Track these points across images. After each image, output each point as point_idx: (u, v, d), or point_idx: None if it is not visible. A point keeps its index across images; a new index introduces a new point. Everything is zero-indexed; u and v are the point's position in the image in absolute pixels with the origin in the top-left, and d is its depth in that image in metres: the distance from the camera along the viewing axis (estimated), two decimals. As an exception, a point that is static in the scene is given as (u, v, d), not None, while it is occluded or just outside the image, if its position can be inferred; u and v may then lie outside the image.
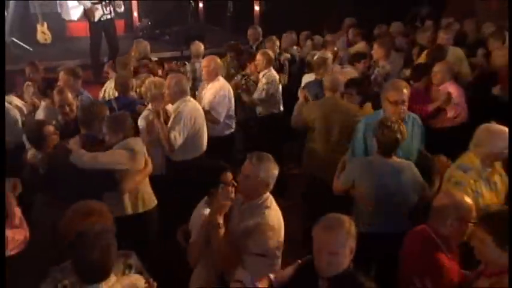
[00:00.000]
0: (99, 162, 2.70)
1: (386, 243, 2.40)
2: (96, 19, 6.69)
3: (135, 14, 9.39)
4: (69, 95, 3.45)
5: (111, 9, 6.84)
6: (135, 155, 2.80)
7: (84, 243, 1.81)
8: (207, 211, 2.47)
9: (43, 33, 7.84)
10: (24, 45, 7.48)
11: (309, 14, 7.79)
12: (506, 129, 2.68)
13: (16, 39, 7.50)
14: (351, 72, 4.09)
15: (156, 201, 3.07)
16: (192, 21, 9.04)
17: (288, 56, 5.23)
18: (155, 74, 4.48)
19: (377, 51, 4.80)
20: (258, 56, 4.43)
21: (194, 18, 9.23)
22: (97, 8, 6.67)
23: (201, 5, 9.85)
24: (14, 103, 3.95)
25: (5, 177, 2.39)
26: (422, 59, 4.85)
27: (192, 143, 3.60)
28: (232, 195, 2.42)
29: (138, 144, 2.88)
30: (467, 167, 2.64)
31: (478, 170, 2.60)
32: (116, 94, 3.93)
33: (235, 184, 2.45)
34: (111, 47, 6.72)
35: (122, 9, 7.23)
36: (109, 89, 4.15)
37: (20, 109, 3.92)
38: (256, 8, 8.85)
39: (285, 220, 2.38)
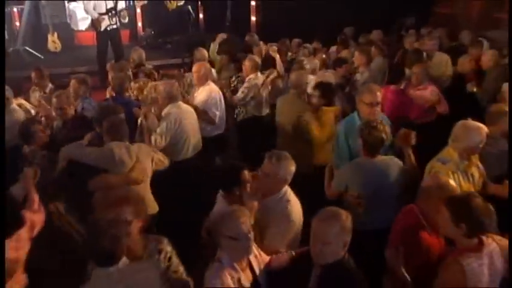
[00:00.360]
0: (85, 155, 2.76)
1: (380, 239, 2.43)
2: (102, 29, 7.04)
3: (140, 24, 9.65)
4: (65, 99, 3.64)
5: (117, 19, 7.16)
6: (113, 158, 2.74)
7: (96, 230, 1.89)
8: (224, 204, 2.51)
9: (53, 42, 8.20)
10: (36, 53, 7.86)
11: (303, 23, 7.93)
12: (482, 125, 2.79)
13: (29, 47, 7.87)
14: (328, 75, 4.33)
15: (157, 208, 2.99)
16: (193, 31, 9.34)
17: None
18: (152, 79, 4.64)
19: (357, 58, 5.13)
20: (245, 62, 4.55)
21: (194, 28, 9.49)
22: (103, 19, 7.01)
23: (201, 15, 10.04)
24: (24, 106, 4.16)
25: (5, 177, 2.46)
26: (416, 67, 5.04)
27: (175, 145, 3.65)
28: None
29: (120, 149, 2.79)
30: (446, 160, 2.75)
31: (456, 163, 2.70)
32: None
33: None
34: (117, 55, 7.04)
35: (126, 19, 7.62)
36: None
37: (27, 111, 4.11)
38: (253, 17, 9.09)
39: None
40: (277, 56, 5.56)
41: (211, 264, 2.14)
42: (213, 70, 4.81)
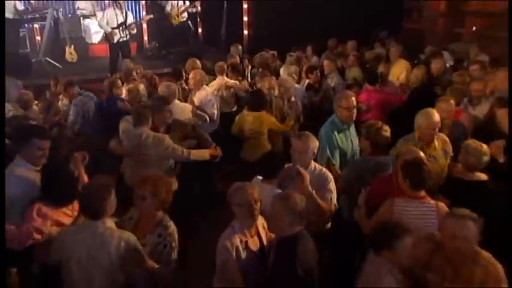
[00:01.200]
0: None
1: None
2: (115, 41, 7.74)
3: (145, 37, 10.19)
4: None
5: (127, 32, 7.84)
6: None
7: (88, 191, 2.41)
8: (270, 187, 2.75)
9: (70, 53, 8.80)
10: (55, 63, 8.37)
11: (289, 36, 8.35)
12: (433, 113, 3.25)
13: (49, 58, 8.36)
14: (285, 80, 4.96)
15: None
16: (192, 43, 9.76)
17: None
18: (153, 84, 5.10)
19: (327, 65, 5.92)
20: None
21: (194, 40, 10.06)
22: (116, 33, 7.69)
23: (199, 29, 10.68)
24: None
25: (4, 177, 2.63)
26: (381, 67, 6.05)
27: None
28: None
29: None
30: (408, 138, 3.33)
31: (415, 142, 3.24)
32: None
33: None
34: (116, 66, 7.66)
35: (135, 31, 8.12)
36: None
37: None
38: (245, 31, 9.68)
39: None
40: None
41: (226, 230, 2.45)
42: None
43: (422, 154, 2.88)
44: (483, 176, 2.94)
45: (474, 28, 9.16)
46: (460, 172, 3.03)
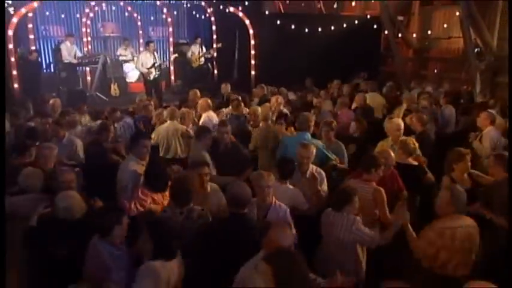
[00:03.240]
0: None
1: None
2: (150, 78, 9.25)
3: (172, 77, 11.75)
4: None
5: (159, 72, 9.44)
6: None
7: (177, 182, 3.13)
8: (285, 186, 3.48)
9: (114, 89, 10.26)
10: (103, 96, 9.95)
11: (285, 75, 9.41)
12: (396, 121, 4.42)
13: (98, 93, 9.96)
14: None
15: None
16: (209, 81, 11.10)
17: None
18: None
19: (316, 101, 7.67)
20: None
21: (210, 79, 11.37)
22: (151, 72, 9.19)
23: (215, 71, 11.85)
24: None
25: (5, 177, 2.91)
26: (356, 100, 7.35)
27: (159, 144, 5.14)
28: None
29: None
30: (386, 141, 4.55)
31: (390, 144, 4.43)
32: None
33: None
34: (158, 97, 9.06)
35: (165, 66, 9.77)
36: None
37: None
38: (253, 72, 10.79)
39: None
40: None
41: None
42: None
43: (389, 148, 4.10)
44: (414, 162, 4.16)
45: (435, 71, 10.87)
46: (400, 158, 4.11)
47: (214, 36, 11.97)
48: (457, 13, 9.32)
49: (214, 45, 11.41)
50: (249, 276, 2.26)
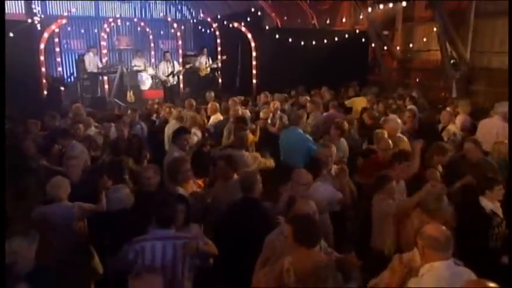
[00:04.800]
0: None
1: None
2: (168, 85, 10.31)
3: (181, 85, 12.19)
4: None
5: (176, 79, 10.38)
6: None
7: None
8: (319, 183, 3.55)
9: (130, 96, 10.95)
10: (120, 102, 10.23)
11: (283, 83, 9.83)
12: (382, 131, 4.78)
13: (116, 99, 10.49)
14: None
15: None
16: (215, 89, 10.80)
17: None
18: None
19: (309, 106, 8.55)
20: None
21: (216, 87, 11.75)
22: (169, 80, 10.22)
23: (220, 79, 12.43)
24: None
25: (5, 177, 2.80)
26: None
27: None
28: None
29: None
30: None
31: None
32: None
33: None
34: (172, 101, 9.55)
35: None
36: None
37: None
38: (254, 80, 11.37)
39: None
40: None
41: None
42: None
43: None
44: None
45: (417, 79, 11.66)
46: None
47: (219, 49, 12.73)
48: (435, 29, 10.22)
49: (219, 57, 12.17)
50: (270, 239, 2.49)
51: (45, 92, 9.68)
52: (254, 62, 11.39)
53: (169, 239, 2.66)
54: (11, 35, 8.55)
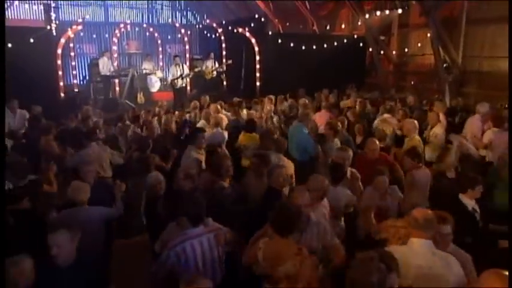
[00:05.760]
0: None
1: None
2: (177, 87, 10.54)
3: (188, 87, 12.28)
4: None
5: (185, 81, 10.68)
6: None
7: None
8: (339, 188, 3.49)
9: (140, 98, 11.23)
10: (131, 104, 10.76)
11: (284, 86, 9.92)
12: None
13: (127, 100, 10.81)
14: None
15: None
16: (220, 90, 11.85)
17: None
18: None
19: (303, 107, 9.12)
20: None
21: (221, 89, 12.19)
22: (179, 81, 10.50)
23: (225, 82, 12.68)
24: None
25: (5, 177, 2.84)
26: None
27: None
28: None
29: None
30: None
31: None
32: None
33: None
34: (181, 103, 10.09)
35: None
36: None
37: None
38: (258, 83, 11.70)
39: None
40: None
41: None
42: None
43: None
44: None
45: (412, 82, 12.01)
46: None
47: (224, 53, 13.09)
48: (429, 34, 10.63)
49: (225, 61, 12.48)
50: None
51: (62, 95, 10.11)
52: (258, 66, 11.73)
53: (202, 235, 2.75)
54: (32, 41, 9.04)
